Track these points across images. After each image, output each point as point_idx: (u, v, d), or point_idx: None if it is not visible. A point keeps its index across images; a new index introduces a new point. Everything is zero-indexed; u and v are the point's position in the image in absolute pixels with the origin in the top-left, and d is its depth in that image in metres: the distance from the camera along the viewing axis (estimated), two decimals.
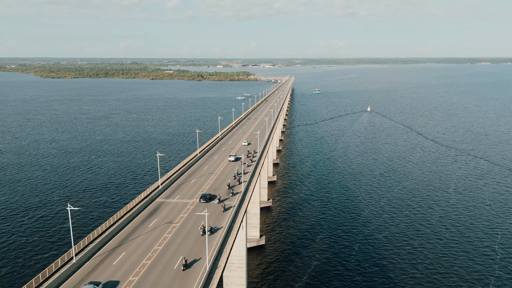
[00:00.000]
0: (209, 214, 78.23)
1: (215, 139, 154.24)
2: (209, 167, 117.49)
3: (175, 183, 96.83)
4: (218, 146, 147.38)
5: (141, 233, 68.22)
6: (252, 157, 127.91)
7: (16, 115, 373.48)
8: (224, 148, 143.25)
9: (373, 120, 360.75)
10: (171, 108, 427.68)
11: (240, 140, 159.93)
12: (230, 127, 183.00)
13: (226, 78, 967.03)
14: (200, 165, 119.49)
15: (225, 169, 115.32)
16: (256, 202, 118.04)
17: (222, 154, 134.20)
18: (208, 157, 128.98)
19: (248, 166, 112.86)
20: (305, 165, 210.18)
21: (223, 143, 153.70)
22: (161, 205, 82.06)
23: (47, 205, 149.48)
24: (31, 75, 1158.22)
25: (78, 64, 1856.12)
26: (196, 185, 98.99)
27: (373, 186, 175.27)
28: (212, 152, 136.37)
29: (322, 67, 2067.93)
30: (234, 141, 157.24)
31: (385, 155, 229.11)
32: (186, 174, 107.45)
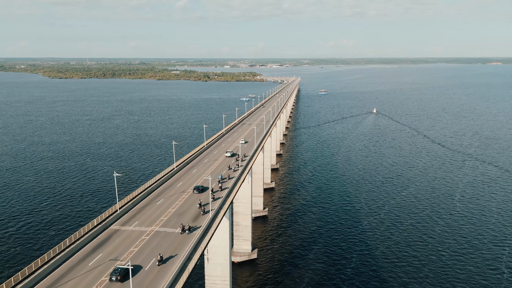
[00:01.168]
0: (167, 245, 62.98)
1: (197, 150, 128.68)
2: (183, 183, 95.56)
3: (133, 209, 76.60)
4: (200, 158, 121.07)
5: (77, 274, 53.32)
6: (241, 160, 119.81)
7: (18, 117, 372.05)
8: (206, 160, 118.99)
9: (378, 122, 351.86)
10: (174, 109, 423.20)
11: (227, 148, 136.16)
12: (220, 135, 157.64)
13: (232, 79, 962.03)
14: (173, 182, 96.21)
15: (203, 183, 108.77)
16: (247, 214, 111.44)
17: (202, 166, 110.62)
18: (186, 171, 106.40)
19: (234, 171, 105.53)
20: (306, 170, 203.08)
21: (208, 153, 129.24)
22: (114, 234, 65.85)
23: None
24: (39, 75, 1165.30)
25: (87, 64, 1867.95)
26: (161, 208, 78.20)
27: (376, 193, 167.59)
28: (191, 166, 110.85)
29: (330, 67, 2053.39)
30: (220, 151, 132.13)
31: (389, 160, 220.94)
32: (153, 195, 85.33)
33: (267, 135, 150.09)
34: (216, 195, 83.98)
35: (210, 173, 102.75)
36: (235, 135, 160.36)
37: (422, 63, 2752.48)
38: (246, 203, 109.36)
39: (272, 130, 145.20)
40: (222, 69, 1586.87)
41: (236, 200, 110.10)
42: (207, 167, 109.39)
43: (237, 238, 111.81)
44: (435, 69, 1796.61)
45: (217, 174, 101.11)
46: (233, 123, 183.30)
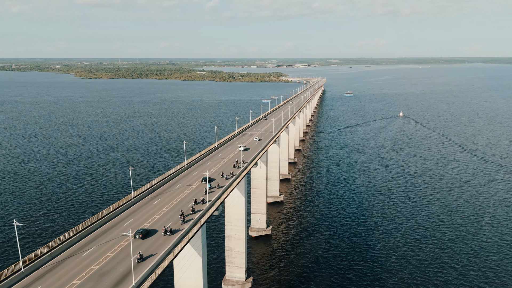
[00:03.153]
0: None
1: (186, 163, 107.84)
2: (161, 201, 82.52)
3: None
4: (186, 173, 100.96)
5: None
6: (238, 167, 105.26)
7: (41, 117, 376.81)
8: (195, 172, 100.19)
9: (404, 127, 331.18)
10: (193, 111, 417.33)
11: (217, 164, 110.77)
12: (213, 147, 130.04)
13: (257, 80, 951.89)
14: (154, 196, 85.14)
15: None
16: (241, 238, 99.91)
17: (191, 179, 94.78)
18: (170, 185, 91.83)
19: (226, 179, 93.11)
20: (319, 180, 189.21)
21: (200, 165, 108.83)
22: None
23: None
24: (71, 75, 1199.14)
25: (118, 65, 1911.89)
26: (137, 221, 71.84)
27: (394, 211, 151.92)
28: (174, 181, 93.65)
29: (359, 68, 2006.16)
30: (212, 163, 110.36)
31: (412, 171, 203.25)
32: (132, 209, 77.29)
33: (266, 146, 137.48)
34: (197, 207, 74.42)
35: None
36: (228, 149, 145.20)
37: (457, 63, 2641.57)
38: (240, 226, 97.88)
39: (270, 144, 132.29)
40: (248, 69, 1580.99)
41: (228, 222, 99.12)
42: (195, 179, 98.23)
43: (229, 265, 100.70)
44: (471, 69, 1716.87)
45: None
46: (233, 133, 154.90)
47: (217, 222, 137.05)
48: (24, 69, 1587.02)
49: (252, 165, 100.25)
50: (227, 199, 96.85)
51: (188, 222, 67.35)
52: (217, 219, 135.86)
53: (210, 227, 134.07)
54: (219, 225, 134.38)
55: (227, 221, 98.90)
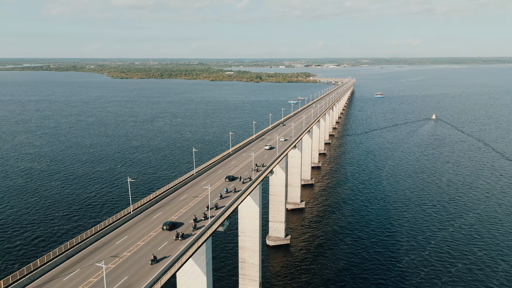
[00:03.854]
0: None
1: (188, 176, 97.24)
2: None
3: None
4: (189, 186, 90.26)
5: None
6: (256, 170, 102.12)
7: (71, 116, 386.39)
8: (204, 181, 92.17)
9: (436, 130, 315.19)
10: (218, 112, 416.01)
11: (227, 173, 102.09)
12: (226, 154, 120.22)
13: (284, 80, 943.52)
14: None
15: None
16: (256, 250, 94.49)
17: (197, 190, 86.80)
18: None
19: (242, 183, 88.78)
20: (345, 187, 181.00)
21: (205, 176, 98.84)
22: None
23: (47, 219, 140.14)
24: (104, 75, 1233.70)
25: (149, 65, 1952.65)
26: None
27: (423, 222, 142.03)
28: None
29: (391, 68, 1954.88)
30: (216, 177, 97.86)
31: (444, 178, 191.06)
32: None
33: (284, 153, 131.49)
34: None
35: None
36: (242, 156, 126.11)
37: (497, 63, 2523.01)
38: (254, 237, 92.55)
39: (288, 151, 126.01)
40: (276, 69, 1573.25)
41: (241, 233, 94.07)
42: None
43: (242, 277, 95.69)
44: (511, 70, 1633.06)
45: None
46: (250, 138, 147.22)
47: (229, 231, 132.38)
48: (61, 69, 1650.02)
49: (265, 174, 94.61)
50: (241, 208, 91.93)
51: (187, 239, 62.42)
52: (230, 228, 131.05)
53: (221, 236, 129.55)
54: (232, 236, 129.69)
55: (240, 231, 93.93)
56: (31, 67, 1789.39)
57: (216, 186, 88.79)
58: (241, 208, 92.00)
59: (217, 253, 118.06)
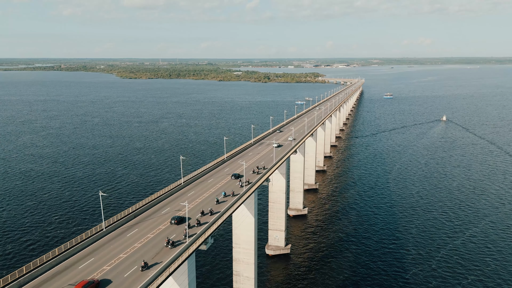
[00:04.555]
0: None
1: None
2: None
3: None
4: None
5: None
6: (257, 173, 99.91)
7: (77, 117, 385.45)
8: (192, 192, 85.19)
9: (447, 133, 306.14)
10: (224, 113, 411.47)
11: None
12: (221, 160, 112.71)
13: (292, 80, 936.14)
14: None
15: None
16: (251, 263, 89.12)
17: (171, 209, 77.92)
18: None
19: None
20: (350, 192, 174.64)
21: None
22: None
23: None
24: (113, 75, 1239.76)
25: (158, 65, 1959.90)
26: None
27: (433, 229, 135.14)
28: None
29: (401, 68, 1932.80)
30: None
31: (456, 183, 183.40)
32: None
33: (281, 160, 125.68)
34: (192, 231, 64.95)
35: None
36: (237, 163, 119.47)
37: (510, 63, 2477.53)
38: (249, 249, 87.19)
39: (287, 156, 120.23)
40: (285, 69, 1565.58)
41: (235, 244, 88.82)
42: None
43: None
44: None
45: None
46: (248, 142, 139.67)
47: (223, 242, 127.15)
48: (71, 69, 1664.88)
49: (260, 182, 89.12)
50: (235, 218, 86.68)
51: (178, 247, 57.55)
52: (224, 237, 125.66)
53: (214, 247, 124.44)
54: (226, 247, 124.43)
55: (234, 243, 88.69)
56: (42, 67, 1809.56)
57: (204, 197, 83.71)
58: (235, 218, 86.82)
59: (209, 267, 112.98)
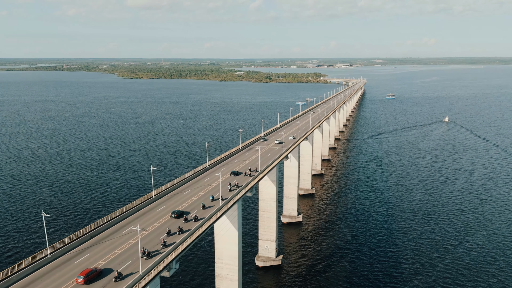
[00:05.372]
0: None
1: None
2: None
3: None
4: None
5: None
6: (249, 175, 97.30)
7: (73, 117, 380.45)
8: (163, 206, 79.10)
9: (449, 134, 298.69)
10: (222, 114, 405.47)
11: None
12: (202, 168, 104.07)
13: (294, 80, 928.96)
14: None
15: None
16: (234, 279, 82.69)
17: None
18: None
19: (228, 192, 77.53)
20: (348, 198, 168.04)
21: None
22: None
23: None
24: (115, 75, 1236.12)
25: (161, 65, 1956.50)
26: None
27: (433, 238, 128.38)
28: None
29: (404, 68, 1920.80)
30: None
31: (458, 189, 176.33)
32: None
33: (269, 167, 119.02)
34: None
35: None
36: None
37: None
38: (232, 265, 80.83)
39: (277, 162, 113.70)
40: (287, 69, 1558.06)
41: (218, 259, 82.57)
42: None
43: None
44: None
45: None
46: (236, 148, 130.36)
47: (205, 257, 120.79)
48: (73, 69, 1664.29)
49: (244, 192, 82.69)
50: (217, 231, 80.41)
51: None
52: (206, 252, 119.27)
53: (197, 260, 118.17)
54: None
55: (217, 258, 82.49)
56: (45, 67, 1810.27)
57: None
58: (217, 232, 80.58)
59: (188, 285, 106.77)
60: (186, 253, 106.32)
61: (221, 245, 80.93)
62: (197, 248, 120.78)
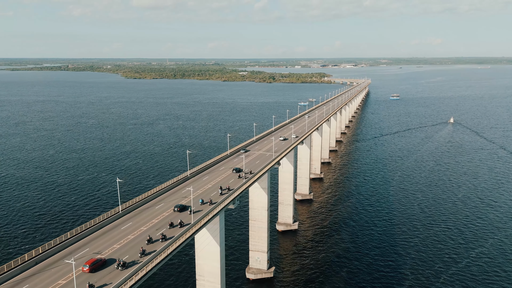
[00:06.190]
0: None
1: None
2: None
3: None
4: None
5: None
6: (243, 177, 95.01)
7: (72, 118, 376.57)
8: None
9: (454, 136, 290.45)
10: (223, 114, 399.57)
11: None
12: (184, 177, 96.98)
13: (298, 80, 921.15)
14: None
15: None
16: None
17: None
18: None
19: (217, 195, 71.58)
20: (348, 204, 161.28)
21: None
22: None
23: None
24: (118, 75, 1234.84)
25: (165, 65, 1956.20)
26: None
27: (435, 248, 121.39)
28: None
29: (410, 68, 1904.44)
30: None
31: (462, 194, 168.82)
32: None
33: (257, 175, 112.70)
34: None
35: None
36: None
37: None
38: (214, 282, 74.47)
39: (267, 169, 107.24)
40: (291, 69, 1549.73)
41: (199, 276, 76.28)
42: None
43: None
44: None
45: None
46: (225, 153, 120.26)
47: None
48: (78, 69, 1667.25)
49: (226, 203, 76.26)
50: (198, 244, 74.23)
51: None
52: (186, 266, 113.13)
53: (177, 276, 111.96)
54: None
55: (198, 274, 76.29)
56: (50, 67, 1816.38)
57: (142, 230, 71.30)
58: (197, 246, 74.41)
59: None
60: (161, 268, 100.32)
61: (202, 261, 74.78)
62: (178, 262, 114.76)
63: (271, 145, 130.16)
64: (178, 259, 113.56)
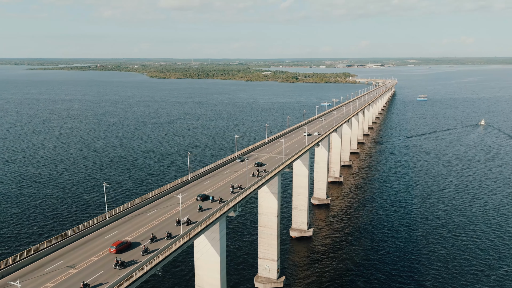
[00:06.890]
0: None
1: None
2: None
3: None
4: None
5: None
6: (257, 175, 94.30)
7: (95, 116, 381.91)
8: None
9: (485, 139, 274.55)
10: (243, 114, 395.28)
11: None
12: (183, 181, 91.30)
13: (321, 80, 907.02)
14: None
15: None
16: None
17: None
18: None
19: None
20: (367, 210, 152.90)
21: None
22: None
23: None
24: (144, 75, 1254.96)
25: (190, 65, 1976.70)
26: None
27: (462, 261, 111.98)
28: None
29: (439, 68, 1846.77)
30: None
31: (492, 203, 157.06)
32: None
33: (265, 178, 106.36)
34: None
35: None
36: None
37: None
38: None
39: (274, 173, 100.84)
40: (316, 69, 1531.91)
41: (198, 287, 71.22)
42: None
43: None
44: None
45: None
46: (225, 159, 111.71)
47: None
48: (106, 69, 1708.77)
49: (225, 210, 70.65)
50: (197, 255, 69.16)
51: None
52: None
53: None
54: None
55: (197, 286, 71.11)
56: (79, 67, 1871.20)
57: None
58: (197, 256, 69.35)
59: None
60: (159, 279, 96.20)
61: (201, 272, 69.71)
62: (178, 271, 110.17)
63: (281, 148, 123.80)
64: (179, 269, 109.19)
